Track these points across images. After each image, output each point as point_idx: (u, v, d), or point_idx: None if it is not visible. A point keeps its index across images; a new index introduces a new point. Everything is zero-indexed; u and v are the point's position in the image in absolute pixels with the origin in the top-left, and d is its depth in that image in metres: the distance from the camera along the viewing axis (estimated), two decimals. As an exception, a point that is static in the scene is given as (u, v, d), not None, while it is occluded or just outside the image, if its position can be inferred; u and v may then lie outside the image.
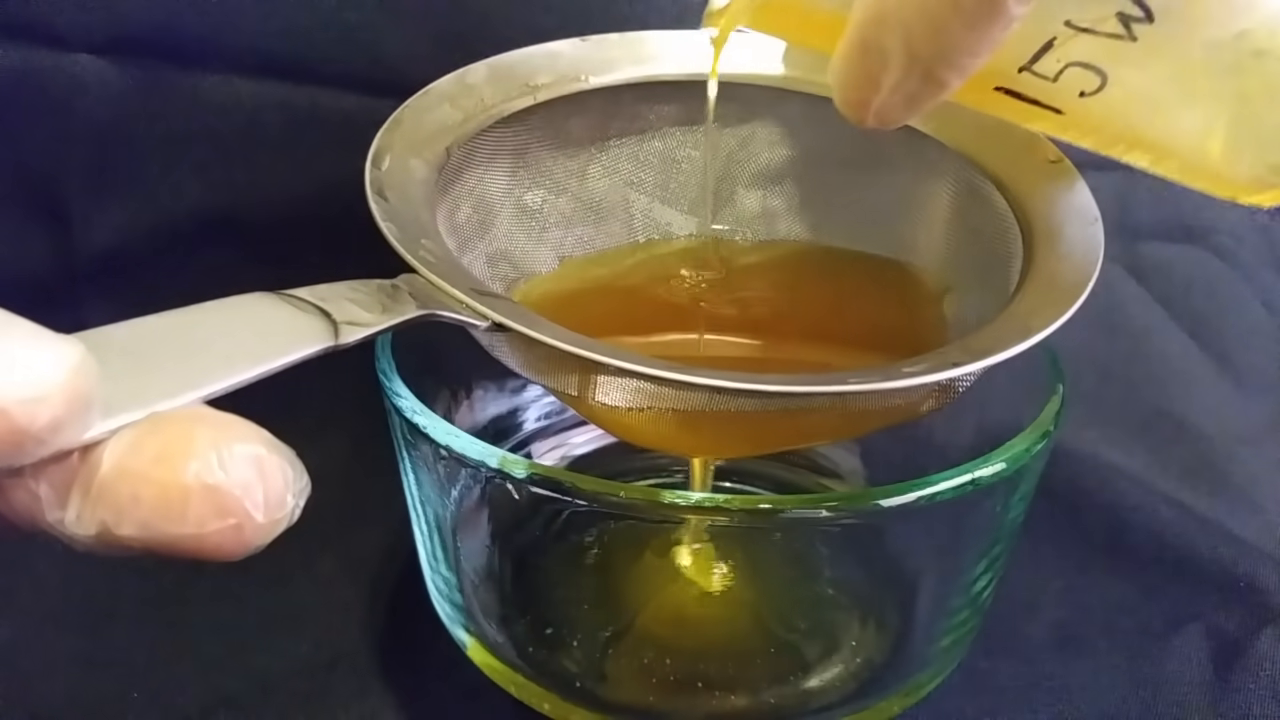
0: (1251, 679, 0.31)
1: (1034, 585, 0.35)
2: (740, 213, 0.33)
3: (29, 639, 0.32)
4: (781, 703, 0.29)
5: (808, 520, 0.25)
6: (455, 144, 0.27)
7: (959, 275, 0.29)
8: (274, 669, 0.31)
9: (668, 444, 0.29)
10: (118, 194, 0.41)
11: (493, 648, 0.29)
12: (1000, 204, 0.28)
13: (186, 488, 0.14)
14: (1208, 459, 0.41)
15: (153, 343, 0.16)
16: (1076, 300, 0.23)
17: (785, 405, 0.23)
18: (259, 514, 0.15)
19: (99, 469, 0.14)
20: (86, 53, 0.39)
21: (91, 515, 0.14)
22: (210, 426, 0.15)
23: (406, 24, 0.40)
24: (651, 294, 0.32)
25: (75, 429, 0.14)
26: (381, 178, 0.25)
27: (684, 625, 0.32)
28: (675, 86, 0.31)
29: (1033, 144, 0.28)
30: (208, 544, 0.15)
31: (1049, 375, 0.28)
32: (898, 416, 0.25)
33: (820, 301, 0.32)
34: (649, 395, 0.23)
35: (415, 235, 0.23)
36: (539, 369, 0.24)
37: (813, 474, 0.38)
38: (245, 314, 0.18)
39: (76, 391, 0.14)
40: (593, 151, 0.32)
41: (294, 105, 0.40)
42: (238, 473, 0.15)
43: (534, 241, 0.31)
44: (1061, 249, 0.25)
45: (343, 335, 0.18)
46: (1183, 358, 0.47)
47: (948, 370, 0.22)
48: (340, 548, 0.36)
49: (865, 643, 0.31)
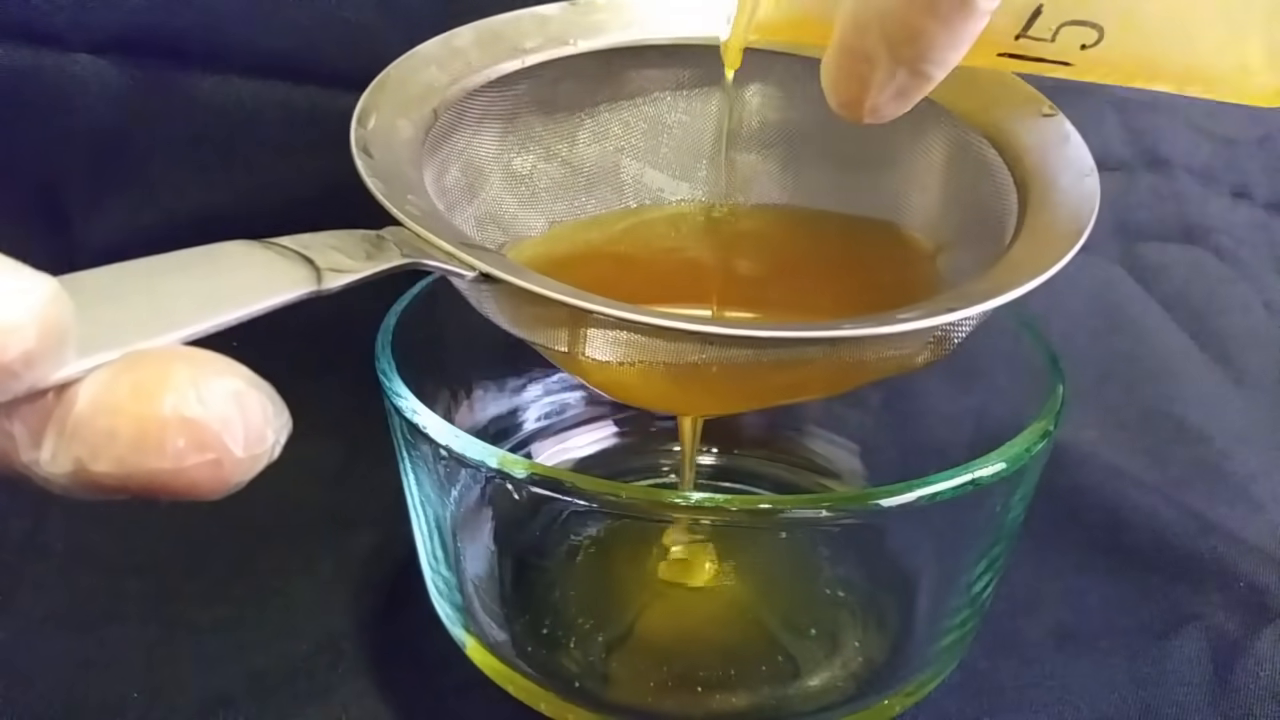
0: (1251, 679, 0.31)
1: (1034, 585, 0.35)
2: (732, 177, 0.32)
3: (29, 639, 0.32)
4: (781, 703, 0.29)
5: (808, 520, 0.25)
6: (442, 106, 0.27)
7: (953, 232, 0.29)
8: (274, 669, 0.31)
9: (659, 400, 0.29)
10: (118, 194, 0.41)
11: (492, 648, 0.29)
12: (994, 159, 0.28)
13: (164, 420, 0.14)
14: (1208, 459, 0.41)
15: (131, 286, 0.16)
16: (1072, 248, 0.23)
17: (778, 356, 0.23)
18: (238, 448, 0.14)
19: (74, 406, 0.14)
20: (86, 53, 0.39)
21: (66, 453, 0.14)
22: (188, 362, 0.15)
23: (406, 23, 0.40)
24: (642, 258, 0.31)
25: (49, 364, 0.14)
26: (367, 136, 0.25)
27: (684, 625, 0.32)
28: (665, 50, 0.31)
29: (1026, 98, 0.28)
30: (185, 479, 0.14)
31: (1049, 375, 0.28)
32: (892, 367, 0.25)
33: (814, 263, 0.31)
34: (640, 347, 0.23)
35: (401, 191, 0.23)
36: (527, 322, 0.24)
37: (813, 474, 0.38)
38: (226, 259, 0.18)
39: (49, 324, 0.13)
40: (582, 116, 0.31)
41: (294, 105, 0.40)
42: (216, 407, 0.14)
43: (523, 206, 0.30)
44: (1056, 200, 0.25)
45: (326, 280, 0.18)
46: (1183, 358, 0.47)
47: (942, 315, 0.22)
48: (340, 548, 0.36)
49: (865, 643, 0.31)
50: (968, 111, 0.28)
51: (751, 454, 0.38)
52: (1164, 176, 0.51)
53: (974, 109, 0.28)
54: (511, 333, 0.25)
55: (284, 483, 0.37)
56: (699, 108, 0.32)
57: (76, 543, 0.35)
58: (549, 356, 0.26)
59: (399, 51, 0.39)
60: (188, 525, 0.36)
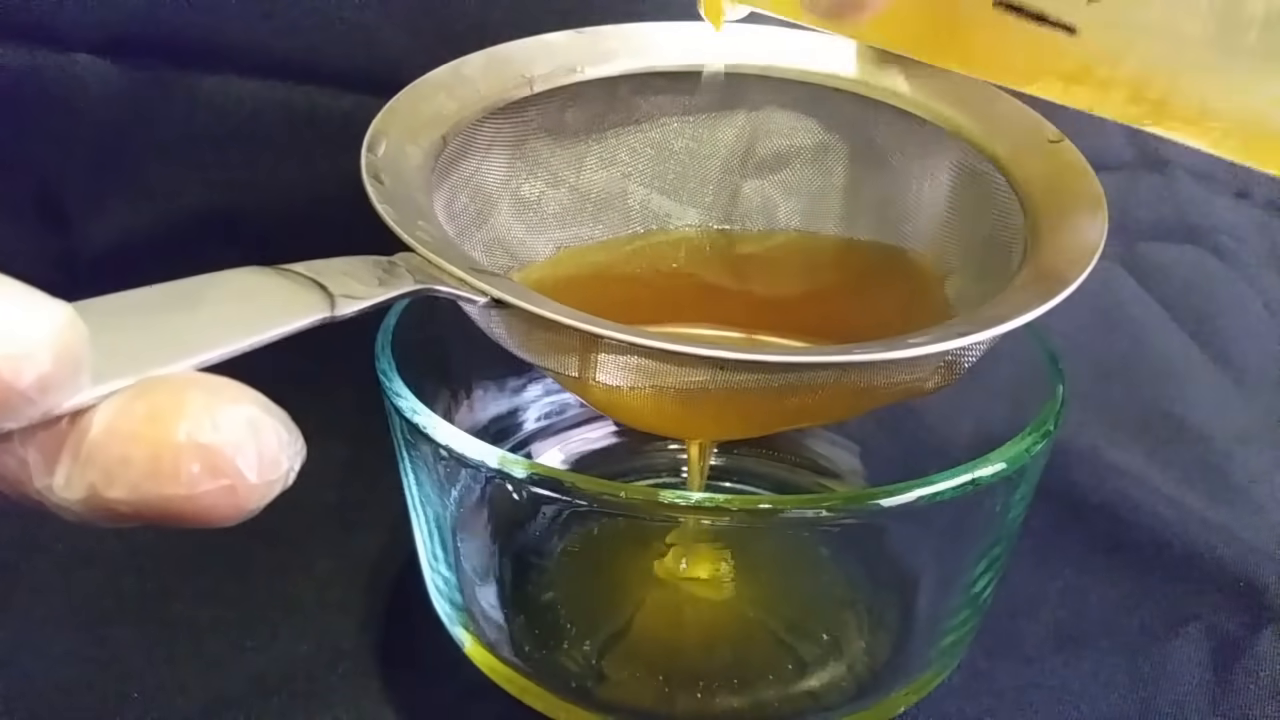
0: (1251, 679, 0.31)
1: (1034, 585, 0.35)
2: (740, 204, 0.33)
3: (29, 639, 0.32)
4: (781, 703, 0.29)
5: (808, 520, 0.25)
6: (451, 132, 0.27)
7: (961, 258, 0.29)
8: (274, 669, 0.31)
9: (668, 425, 0.29)
10: (118, 194, 0.41)
11: (492, 647, 0.29)
12: (1001, 184, 0.28)
13: (178, 446, 0.14)
14: (1208, 459, 0.41)
15: (144, 312, 0.16)
16: (1081, 274, 0.23)
17: (788, 380, 0.23)
18: (252, 474, 0.14)
19: (88, 432, 0.14)
20: (86, 53, 0.39)
21: (81, 478, 0.14)
22: (203, 389, 0.14)
23: (405, 24, 0.40)
24: (650, 282, 0.32)
25: (64, 390, 0.14)
26: (377, 162, 0.25)
27: (683, 625, 0.32)
28: (671, 77, 0.31)
29: (1033, 125, 0.28)
30: (199, 505, 0.14)
31: (1049, 375, 0.28)
32: (902, 392, 0.25)
33: (822, 289, 0.32)
34: (650, 372, 0.23)
35: (412, 217, 0.23)
36: (538, 347, 0.24)
37: (813, 474, 0.38)
38: (238, 285, 0.18)
39: (65, 350, 0.13)
40: (590, 143, 0.31)
41: (294, 105, 0.40)
42: (231, 432, 0.14)
43: (531, 231, 0.31)
44: (1065, 226, 0.25)
45: (339, 306, 0.18)
46: (1183, 358, 0.47)
47: (953, 340, 0.22)
48: (340, 548, 0.36)
49: (865, 643, 0.31)
50: (975, 138, 0.29)
51: (751, 454, 0.38)
52: (1164, 176, 0.51)
53: (981, 135, 0.29)
54: (522, 358, 0.25)
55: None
56: (705, 134, 0.32)
57: (76, 543, 0.35)
58: (559, 381, 0.26)
59: (399, 51, 0.40)
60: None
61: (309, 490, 0.40)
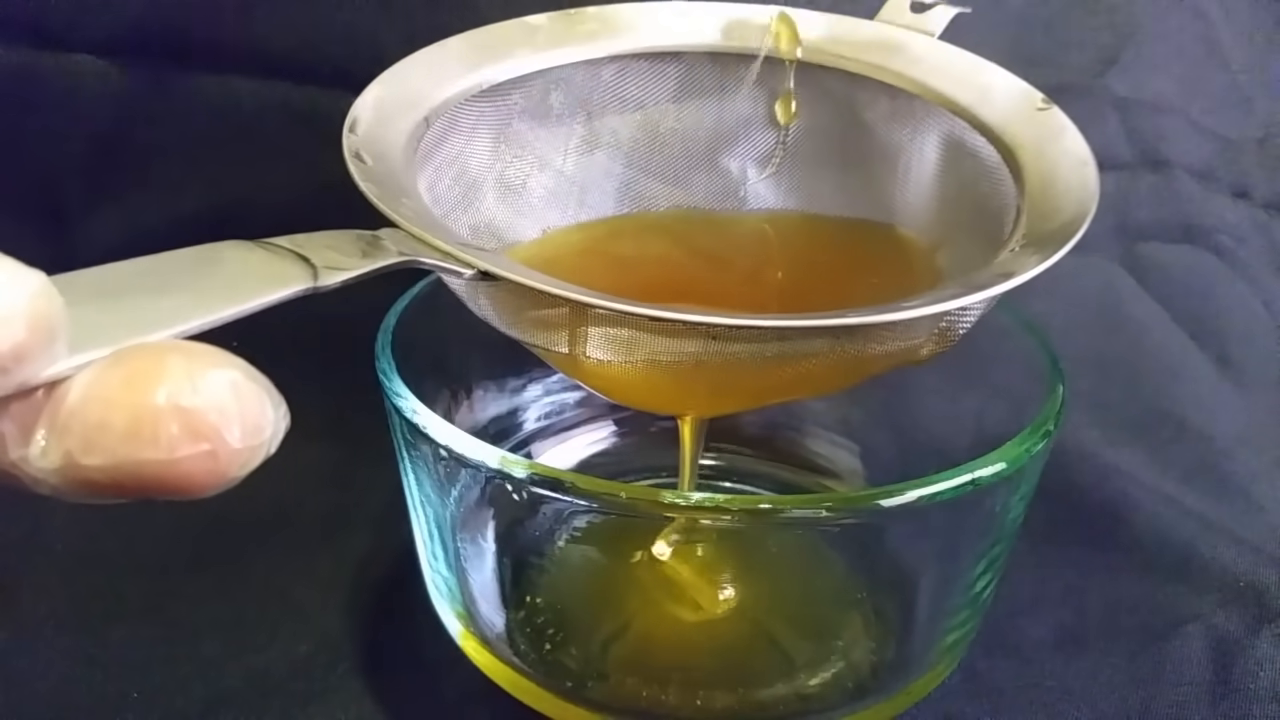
0: (1251, 679, 0.31)
1: (1034, 585, 0.34)
2: (727, 185, 0.33)
3: (29, 639, 0.32)
4: (781, 703, 0.29)
5: (808, 520, 0.25)
6: (434, 114, 0.27)
7: (953, 229, 0.29)
8: (274, 669, 0.31)
9: (660, 401, 0.29)
10: (118, 194, 0.41)
11: (492, 647, 0.29)
12: (990, 154, 0.28)
13: (158, 410, 0.14)
14: (1208, 459, 0.41)
15: (124, 284, 0.16)
16: (1073, 237, 0.23)
17: (781, 350, 0.22)
18: (234, 439, 0.14)
19: (65, 402, 0.14)
20: (86, 53, 0.39)
21: (57, 446, 0.14)
22: (183, 354, 0.14)
23: (406, 23, 0.40)
24: (637, 261, 0.31)
25: (39, 360, 0.13)
26: (358, 142, 0.24)
27: (683, 625, 0.32)
28: (654, 58, 0.31)
29: (1021, 93, 0.28)
30: (179, 471, 0.14)
31: (1049, 375, 0.28)
32: (896, 360, 0.25)
33: (812, 267, 0.31)
34: (641, 344, 0.22)
35: (395, 195, 0.23)
36: (526, 322, 0.24)
37: (813, 474, 0.38)
38: (219, 257, 0.17)
39: (39, 318, 0.13)
40: (573, 125, 0.31)
41: (294, 105, 0.40)
42: (212, 396, 0.14)
43: (516, 214, 0.30)
44: (1055, 191, 0.25)
45: (322, 277, 0.18)
46: (1183, 358, 0.47)
47: (947, 302, 0.22)
48: (340, 548, 0.36)
49: (865, 643, 0.31)
50: (963, 108, 0.28)
51: (751, 454, 0.38)
52: (1164, 176, 0.51)
53: (969, 105, 0.28)
54: (508, 334, 0.25)
55: (283, 483, 0.37)
56: (690, 115, 0.32)
57: (76, 543, 0.35)
58: (547, 359, 0.25)
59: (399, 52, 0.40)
60: (188, 525, 0.36)
61: (308, 490, 0.40)
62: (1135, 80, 0.49)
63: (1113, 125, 0.49)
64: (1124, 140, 0.50)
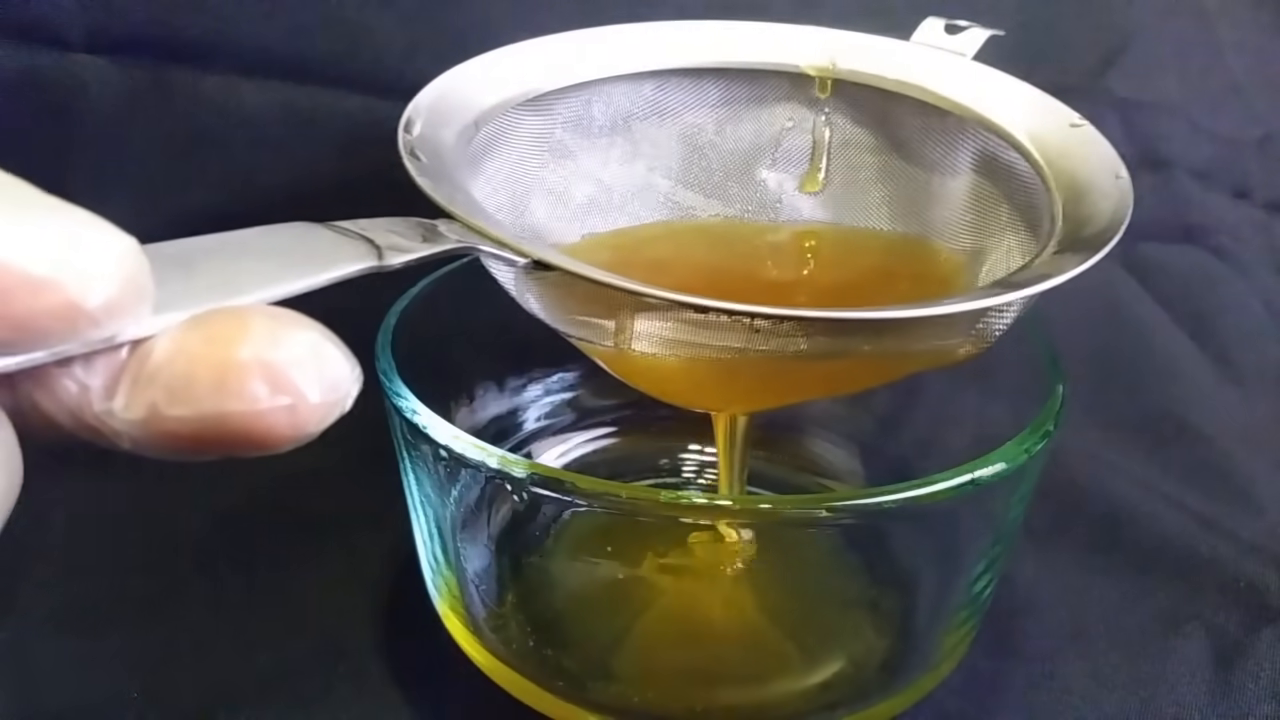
0: (1251, 679, 0.31)
1: (1034, 585, 0.35)
2: (765, 197, 0.33)
3: (29, 639, 0.32)
4: (781, 703, 0.29)
5: (808, 520, 0.25)
6: (482, 119, 0.28)
7: (989, 245, 0.30)
8: (274, 669, 0.31)
9: (701, 395, 0.29)
10: (118, 194, 0.41)
11: (493, 648, 0.29)
12: (1025, 169, 0.29)
13: (242, 364, 0.14)
14: (1208, 459, 0.41)
15: (202, 255, 0.17)
16: (1110, 242, 0.24)
17: (822, 345, 0.23)
18: (315, 393, 0.15)
19: (150, 357, 0.14)
20: (86, 53, 0.39)
21: (141, 398, 0.14)
22: (265, 315, 0.15)
23: (408, 24, 0.40)
24: (676, 266, 0.32)
25: (128, 316, 0.14)
26: (413, 141, 0.25)
27: (683, 625, 0.32)
28: (694, 74, 0.32)
29: (1054, 111, 0.29)
30: (261, 424, 0.14)
31: (1049, 375, 0.28)
32: (934, 359, 0.25)
33: (848, 277, 0.32)
34: (687, 337, 0.23)
35: (449, 191, 0.23)
36: (574, 313, 0.24)
37: (813, 474, 0.38)
38: (290, 235, 0.18)
39: (131, 275, 0.14)
40: (615, 136, 0.32)
41: (294, 105, 0.40)
42: (294, 353, 0.15)
43: (556, 218, 0.31)
44: (1089, 203, 0.26)
45: (387, 257, 0.19)
46: (1183, 358, 0.47)
47: (989, 298, 0.22)
48: (340, 548, 0.36)
49: (865, 643, 0.31)
50: (998, 125, 0.29)
51: (751, 454, 0.38)
52: (1164, 176, 0.51)
53: (1004, 123, 0.29)
54: (555, 327, 0.25)
55: (283, 483, 0.37)
56: (729, 130, 0.33)
57: (77, 543, 0.35)
58: (591, 353, 0.26)
59: (399, 52, 0.40)
60: (188, 525, 0.36)
61: (309, 490, 0.40)
62: (1135, 80, 0.49)
63: (1112, 125, 0.49)
64: (1124, 140, 0.50)
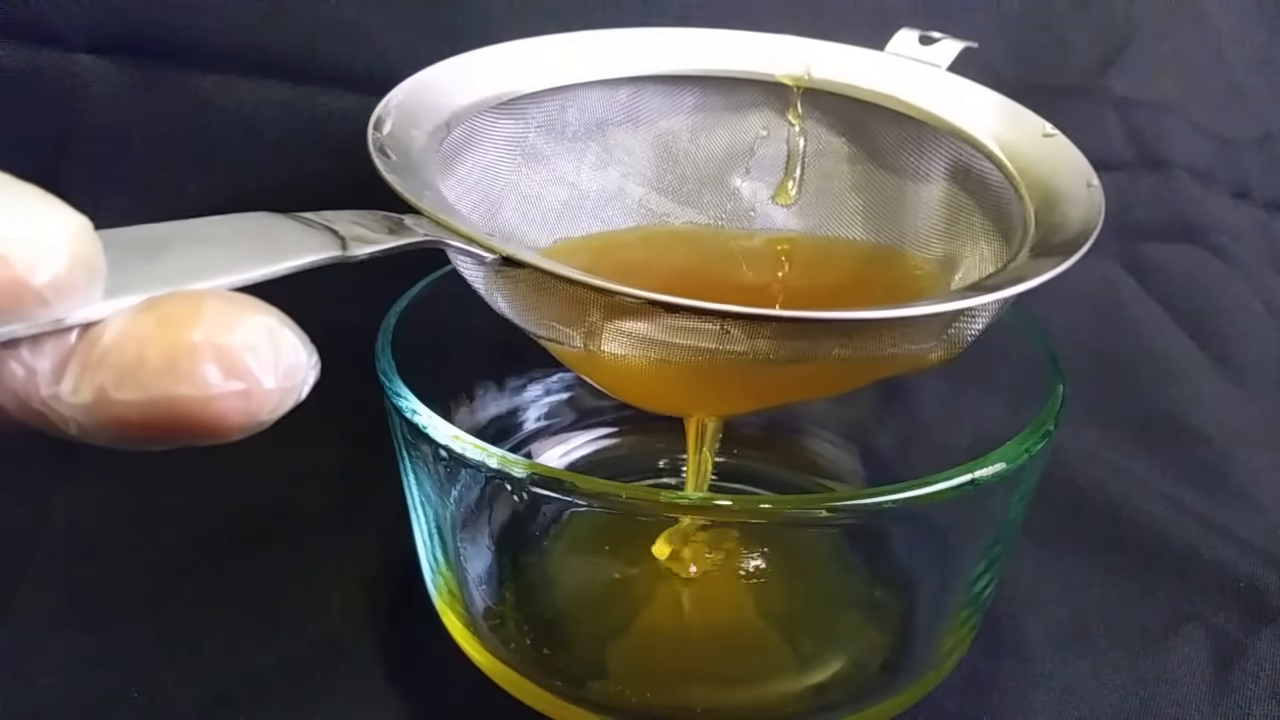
0: (1251, 679, 0.31)
1: (1034, 585, 0.35)
2: (738, 205, 0.33)
3: (29, 639, 0.32)
4: (781, 703, 0.29)
5: (808, 520, 0.25)
6: (454, 120, 0.28)
7: (961, 253, 0.30)
8: (274, 669, 0.31)
9: (670, 399, 0.29)
10: (118, 194, 0.41)
11: (492, 647, 0.29)
12: (997, 179, 0.29)
13: (194, 346, 0.14)
14: (1208, 459, 0.41)
15: (159, 241, 0.16)
16: (1081, 248, 0.24)
17: (792, 349, 0.23)
18: (269, 379, 0.14)
19: (100, 340, 0.14)
20: (86, 53, 0.39)
21: (90, 382, 0.14)
22: (220, 299, 0.14)
23: (407, 24, 0.40)
24: (647, 271, 0.32)
25: (77, 296, 0.13)
26: (383, 139, 0.25)
27: (683, 625, 0.32)
28: (669, 81, 0.32)
29: (1026, 121, 0.29)
30: (212, 409, 0.14)
31: (1049, 375, 0.28)
32: (906, 363, 0.25)
33: (820, 287, 0.32)
34: (657, 338, 0.23)
35: (418, 189, 0.23)
36: (543, 312, 0.24)
37: (813, 474, 0.38)
38: (252, 224, 0.18)
39: (81, 254, 0.13)
40: (588, 142, 0.32)
41: (294, 105, 0.40)
42: (248, 337, 0.14)
43: (530, 225, 0.31)
44: (1061, 211, 0.26)
45: (351, 248, 0.18)
46: (1183, 358, 0.47)
47: (959, 301, 0.22)
48: (340, 548, 0.35)
49: (865, 643, 0.31)
50: (970, 136, 0.29)
51: (751, 454, 0.38)
52: (1164, 176, 0.51)
53: (978, 132, 0.29)
54: (523, 327, 0.25)
55: (283, 483, 0.37)
56: (703, 137, 0.33)
57: (77, 542, 0.35)
58: (560, 355, 0.26)
59: (399, 52, 0.40)
60: (188, 525, 0.36)
61: (309, 490, 0.40)
62: (1135, 80, 0.49)
63: (1113, 125, 0.49)
64: (1124, 140, 0.50)
